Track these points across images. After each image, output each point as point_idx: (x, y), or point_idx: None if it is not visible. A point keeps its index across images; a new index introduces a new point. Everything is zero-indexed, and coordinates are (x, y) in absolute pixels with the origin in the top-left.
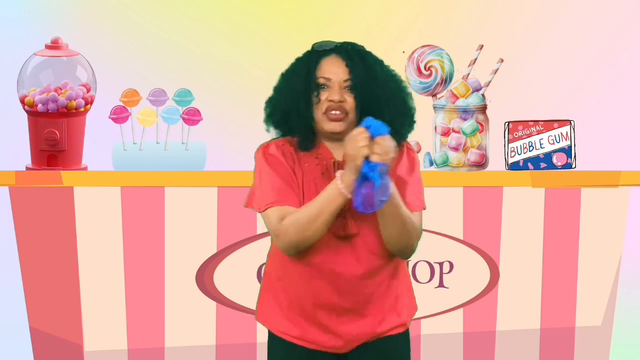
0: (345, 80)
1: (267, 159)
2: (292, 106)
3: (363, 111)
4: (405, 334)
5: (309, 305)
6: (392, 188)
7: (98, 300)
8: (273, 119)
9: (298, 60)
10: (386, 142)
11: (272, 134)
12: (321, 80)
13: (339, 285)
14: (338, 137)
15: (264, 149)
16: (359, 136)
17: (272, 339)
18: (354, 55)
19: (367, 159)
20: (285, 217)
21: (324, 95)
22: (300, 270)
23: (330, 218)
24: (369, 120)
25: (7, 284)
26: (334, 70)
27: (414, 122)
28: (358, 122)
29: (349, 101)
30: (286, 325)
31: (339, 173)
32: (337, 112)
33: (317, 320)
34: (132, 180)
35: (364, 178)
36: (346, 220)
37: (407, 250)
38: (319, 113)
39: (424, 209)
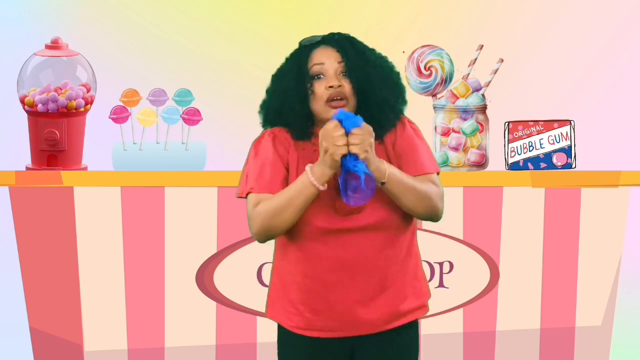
0: (339, 63)
1: (255, 148)
2: (286, 103)
3: (359, 94)
4: (415, 325)
5: (322, 293)
6: (387, 166)
7: (98, 300)
8: (269, 120)
9: (287, 59)
10: (363, 132)
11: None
12: (315, 68)
13: (351, 265)
14: None
15: (258, 139)
16: (335, 133)
17: (282, 333)
18: (344, 42)
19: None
20: (259, 203)
21: (320, 86)
22: (308, 256)
23: (299, 209)
24: (341, 113)
25: (7, 284)
26: (325, 57)
27: (406, 100)
28: (357, 107)
29: (347, 86)
30: (297, 318)
31: (308, 166)
32: (339, 100)
33: (331, 306)
34: (132, 180)
35: (347, 172)
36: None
37: (433, 213)
38: (319, 104)
39: (439, 172)
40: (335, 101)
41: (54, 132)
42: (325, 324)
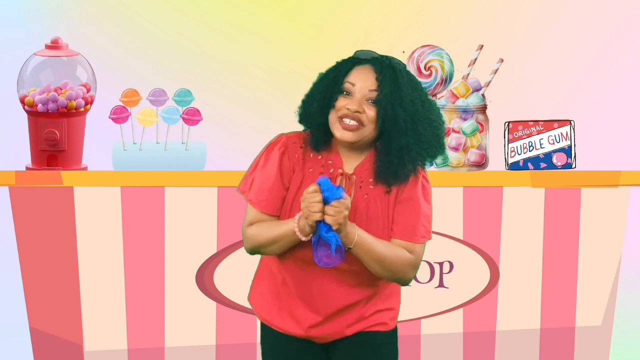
0: (371, 91)
1: (266, 156)
2: (311, 104)
3: (383, 128)
4: (392, 331)
5: (290, 298)
6: (357, 233)
7: (98, 300)
8: (299, 113)
9: (337, 63)
10: (340, 205)
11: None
12: (346, 85)
13: (321, 293)
14: (352, 146)
15: (271, 144)
16: (312, 199)
17: (262, 324)
18: (387, 70)
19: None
20: (253, 225)
21: (343, 102)
22: (287, 270)
23: (283, 248)
24: (324, 181)
25: (7, 284)
26: (361, 79)
27: (440, 152)
28: (377, 137)
29: (369, 113)
30: (269, 311)
31: (297, 215)
32: (352, 121)
33: (292, 316)
34: (132, 180)
35: (320, 237)
36: None
37: (400, 281)
38: (333, 117)
39: (429, 239)
40: (346, 122)
41: (54, 132)
42: (286, 327)
